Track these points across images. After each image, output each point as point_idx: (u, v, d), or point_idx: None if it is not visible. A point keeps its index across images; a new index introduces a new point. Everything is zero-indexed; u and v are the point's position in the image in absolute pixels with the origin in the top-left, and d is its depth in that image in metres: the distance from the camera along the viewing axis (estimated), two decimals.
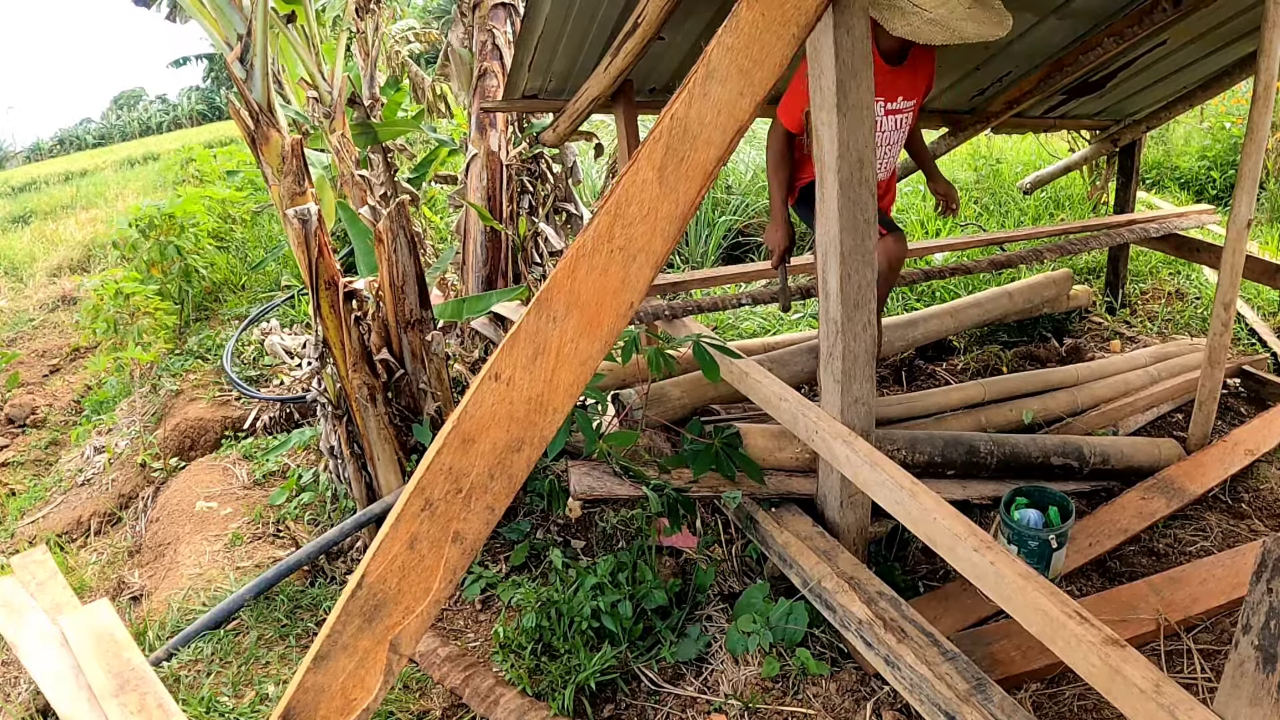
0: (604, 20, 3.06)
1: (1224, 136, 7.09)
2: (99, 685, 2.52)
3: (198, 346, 5.78)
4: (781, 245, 2.92)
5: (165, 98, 32.33)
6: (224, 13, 2.99)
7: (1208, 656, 2.37)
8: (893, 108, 2.70)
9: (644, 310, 3.39)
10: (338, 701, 1.67)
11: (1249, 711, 1.38)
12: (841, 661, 2.44)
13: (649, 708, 2.41)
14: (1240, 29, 3.49)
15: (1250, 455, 3.14)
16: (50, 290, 8.50)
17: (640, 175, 1.70)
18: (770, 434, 2.86)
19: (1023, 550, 2.64)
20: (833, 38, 1.98)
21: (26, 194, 14.76)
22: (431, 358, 3.35)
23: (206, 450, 4.54)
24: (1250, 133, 2.74)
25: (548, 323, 1.69)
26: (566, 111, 3.58)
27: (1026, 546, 2.63)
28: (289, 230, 3.02)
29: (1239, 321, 4.50)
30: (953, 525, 1.90)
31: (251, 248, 7.57)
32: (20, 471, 5.03)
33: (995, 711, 1.92)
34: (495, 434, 1.69)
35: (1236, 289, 3.02)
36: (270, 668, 2.77)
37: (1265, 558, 1.29)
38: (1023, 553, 2.63)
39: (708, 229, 6.68)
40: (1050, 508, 2.72)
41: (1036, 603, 1.68)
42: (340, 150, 4.78)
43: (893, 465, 2.12)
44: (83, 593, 3.51)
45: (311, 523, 3.61)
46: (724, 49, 1.69)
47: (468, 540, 1.71)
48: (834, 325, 2.31)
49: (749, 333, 5.06)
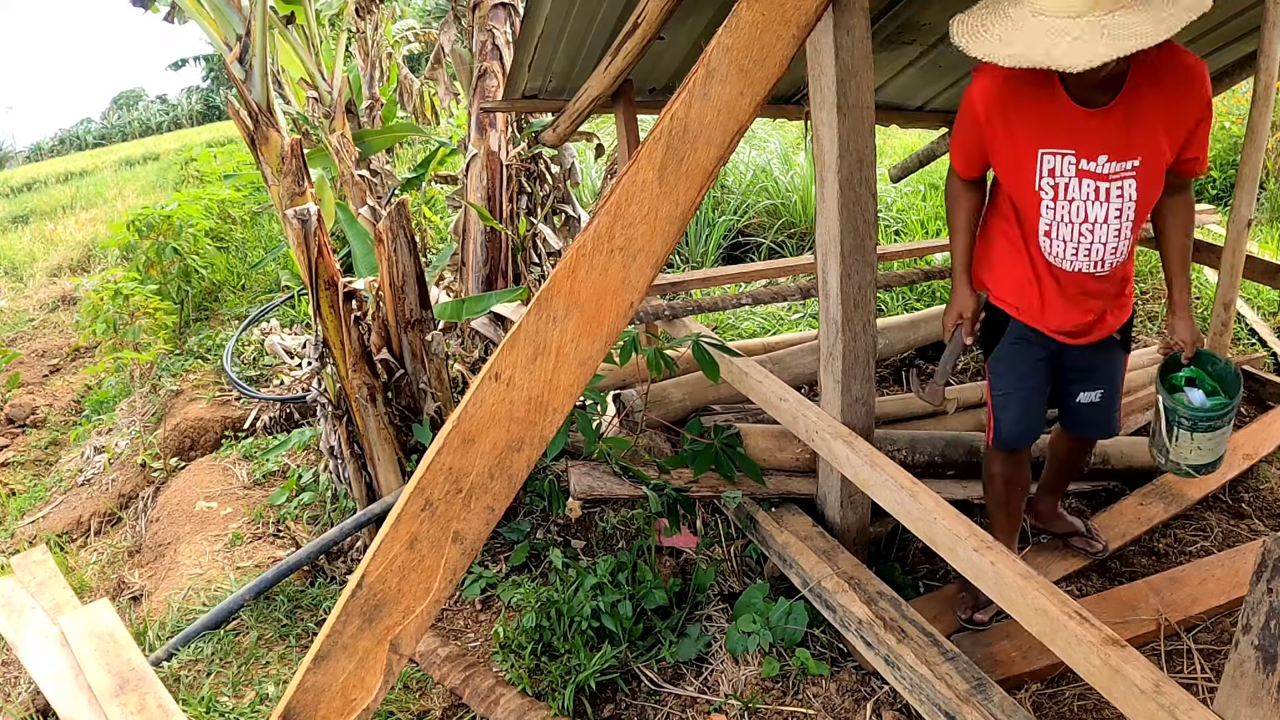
0: (604, 20, 3.06)
1: (1224, 136, 7.08)
2: (99, 685, 2.52)
3: (198, 346, 5.78)
4: (965, 311, 2.27)
5: (165, 98, 32.37)
6: (223, 13, 2.99)
7: (1208, 656, 2.37)
8: (1090, 168, 1.93)
9: (644, 310, 3.39)
10: (338, 701, 1.66)
11: (1249, 711, 1.38)
12: (841, 661, 2.44)
13: (649, 708, 2.41)
14: (1240, 29, 3.48)
15: (1248, 460, 3.14)
16: (50, 290, 8.51)
17: (640, 175, 1.70)
18: (770, 434, 2.86)
19: (1179, 428, 2.16)
20: (833, 38, 1.98)
21: (26, 194, 14.78)
22: (431, 358, 3.35)
23: (206, 450, 4.54)
24: (1250, 133, 2.74)
25: (548, 323, 1.69)
26: (566, 111, 3.58)
27: (1205, 426, 2.14)
28: (288, 230, 3.02)
29: (1239, 321, 4.49)
30: (953, 525, 1.90)
31: (251, 248, 7.57)
32: (20, 471, 5.02)
33: (995, 711, 1.92)
34: (495, 434, 1.69)
35: (1236, 289, 3.02)
36: (270, 668, 2.77)
37: (1265, 558, 1.29)
38: (1197, 434, 2.14)
39: (708, 229, 6.68)
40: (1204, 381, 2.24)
41: (1036, 603, 1.68)
42: (339, 150, 4.78)
43: (893, 465, 2.12)
44: (83, 593, 3.50)
45: (311, 523, 3.61)
46: (724, 49, 1.69)
47: (468, 540, 1.71)
48: (834, 325, 2.31)
49: (749, 333, 5.06)
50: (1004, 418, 2.37)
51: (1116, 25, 1.67)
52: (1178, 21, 1.64)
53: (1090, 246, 2.03)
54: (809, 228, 6.58)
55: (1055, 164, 1.96)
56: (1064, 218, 2.02)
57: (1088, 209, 1.98)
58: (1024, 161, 2.00)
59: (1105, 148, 1.91)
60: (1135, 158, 1.92)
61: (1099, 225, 1.99)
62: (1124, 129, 1.89)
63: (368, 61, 6.99)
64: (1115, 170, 1.93)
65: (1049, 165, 1.97)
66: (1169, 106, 1.89)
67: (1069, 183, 1.97)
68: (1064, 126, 1.93)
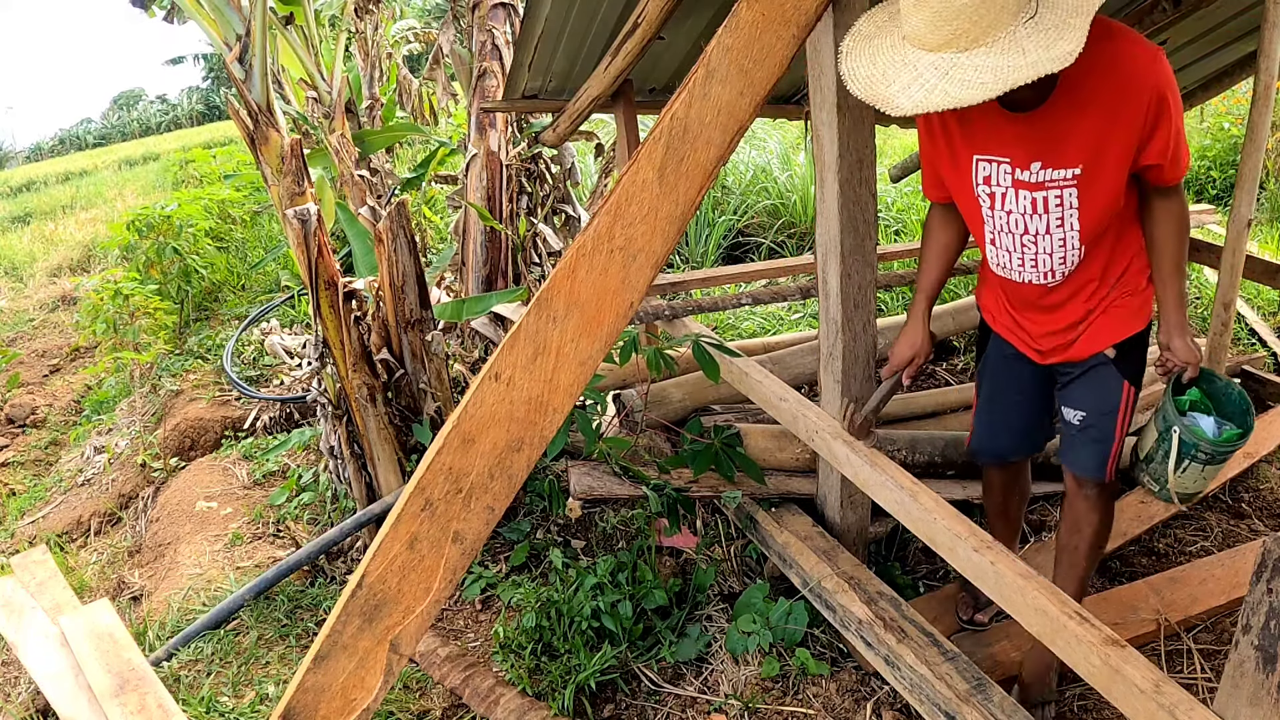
0: (604, 20, 3.06)
1: (1224, 136, 7.08)
2: (99, 685, 2.52)
3: (198, 346, 5.78)
4: (917, 353, 2.13)
5: (165, 98, 32.39)
6: (222, 13, 2.99)
7: (1208, 656, 2.37)
8: (1025, 178, 1.78)
9: (644, 310, 3.39)
10: (338, 701, 1.66)
11: (1249, 711, 1.38)
12: (841, 661, 2.44)
13: (649, 708, 2.41)
14: (1240, 29, 3.48)
15: (1249, 459, 3.14)
16: (50, 290, 8.51)
17: (640, 175, 1.70)
18: (770, 434, 2.86)
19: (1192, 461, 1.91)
20: (833, 38, 1.98)
21: (26, 194, 14.79)
22: (431, 358, 3.35)
23: (206, 450, 4.54)
24: (1250, 133, 2.74)
25: (548, 323, 1.69)
26: (566, 111, 3.58)
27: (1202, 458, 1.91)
28: (288, 230, 3.02)
29: (1239, 321, 4.49)
30: (953, 525, 1.90)
31: (251, 248, 7.58)
32: (20, 471, 5.02)
33: (995, 711, 1.93)
34: (495, 434, 1.69)
35: (1236, 289, 3.01)
36: (270, 668, 2.77)
37: (1265, 558, 1.29)
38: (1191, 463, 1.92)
39: (708, 229, 6.68)
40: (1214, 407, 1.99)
41: (1036, 603, 1.68)
42: (339, 150, 4.78)
43: (893, 465, 2.12)
44: (83, 593, 3.50)
45: (311, 523, 3.61)
46: (724, 49, 1.69)
47: (468, 540, 1.71)
48: (834, 325, 2.31)
49: (749, 333, 5.06)
50: (976, 427, 2.32)
51: (963, 68, 1.50)
52: (1022, 76, 1.44)
53: (1035, 257, 1.87)
54: (809, 228, 6.58)
55: (990, 171, 1.83)
56: (1003, 227, 1.88)
57: (1026, 221, 1.83)
58: (962, 166, 1.89)
59: (1038, 154, 1.73)
60: (1074, 165, 1.73)
61: (1040, 237, 1.84)
62: (1058, 133, 1.69)
63: (367, 61, 6.99)
64: (1052, 178, 1.76)
65: (984, 172, 1.84)
66: (1112, 107, 1.67)
67: (1005, 193, 1.82)
68: (995, 132, 1.78)
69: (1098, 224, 1.82)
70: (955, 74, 1.50)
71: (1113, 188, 1.76)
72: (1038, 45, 1.46)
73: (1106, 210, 1.80)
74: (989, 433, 2.29)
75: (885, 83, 1.58)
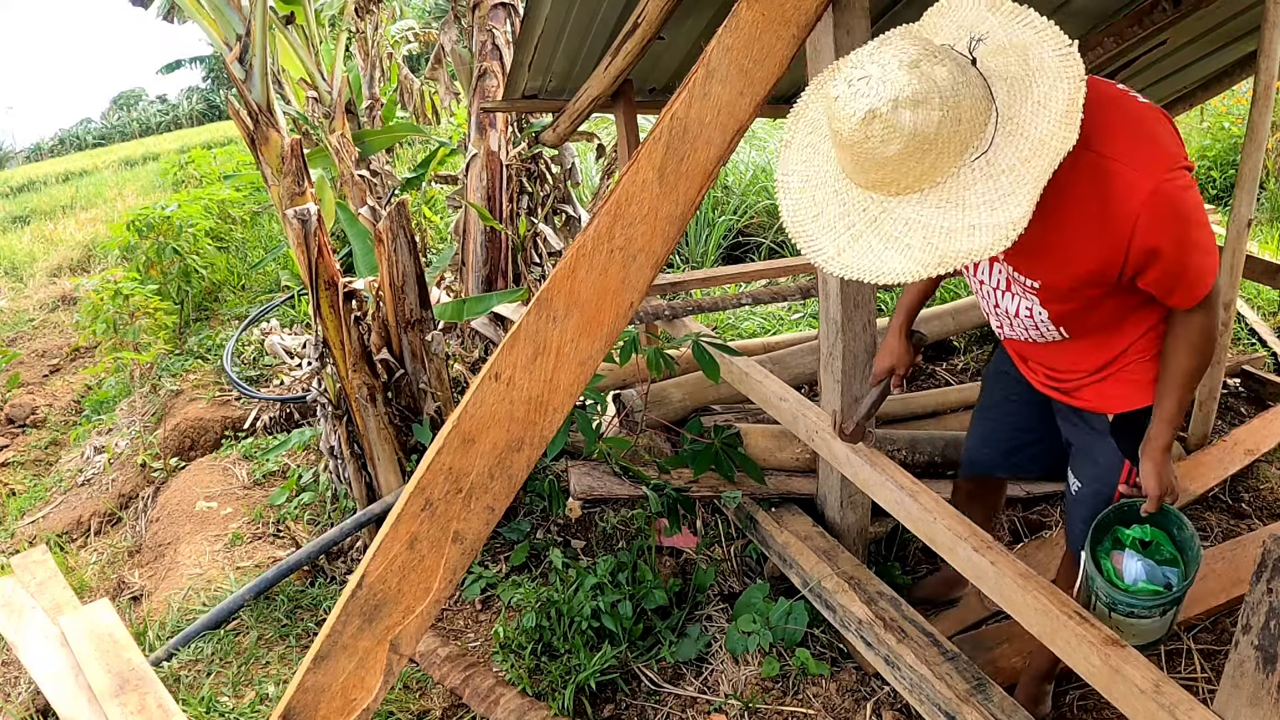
0: (604, 20, 3.06)
1: (1224, 136, 7.08)
2: (99, 685, 2.52)
3: (198, 346, 5.78)
4: (898, 365, 2.06)
5: (165, 98, 32.41)
6: (222, 13, 2.99)
7: (1208, 656, 2.37)
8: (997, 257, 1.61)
9: (644, 310, 3.39)
10: (338, 701, 1.67)
11: (1249, 711, 1.38)
12: (841, 661, 2.44)
13: (649, 708, 2.41)
14: (1240, 29, 3.48)
15: (1250, 455, 3.14)
16: (50, 290, 8.51)
17: (640, 175, 1.70)
18: (770, 434, 2.86)
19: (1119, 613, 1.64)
20: (833, 38, 1.98)
21: (26, 194, 14.80)
22: (431, 358, 3.35)
23: (206, 450, 4.54)
24: (1250, 133, 2.74)
25: (548, 323, 1.69)
26: (566, 111, 3.58)
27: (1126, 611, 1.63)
28: (288, 230, 3.02)
29: (1239, 321, 4.49)
30: (953, 525, 1.90)
31: (251, 248, 7.58)
32: (20, 471, 5.02)
33: (995, 711, 1.93)
34: (495, 434, 1.69)
35: (1236, 289, 3.01)
36: (270, 668, 2.77)
37: (1265, 558, 1.29)
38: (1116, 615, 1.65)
39: (708, 229, 6.68)
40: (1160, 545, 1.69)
41: (1037, 602, 1.68)
42: (339, 150, 4.78)
43: (893, 465, 2.12)
44: (83, 593, 3.50)
45: (311, 523, 3.61)
46: (724, 49, 1.69)
47: (468, 540, 1.71)
48: (834, 325, 2.31)
49: (749, 333, 5.06)
50: (968, 436, 2.28)
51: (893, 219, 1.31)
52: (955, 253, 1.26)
53: (1012, 326, 1.74)
54: None
55: None
56: (978, 290, 1.76)
57: (997, 296, 1.70)
58: None
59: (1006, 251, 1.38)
60: (1034, 279, 1.56)
61: (1013, 317, 1.70)
62: (1024, 241, 1.28)
63: (368, 61, 7.00)
64: (1015, 277, 1.61)
65: None
66: (1085, 234, 1.42)
67: (980, 264, 1.66)
68: None
69: (1082, 320, 1.65)
70: (883, 226, 1.32)
71: (1082, 303, 1.59)
72: (982, 198, 1.26)
73: (1084, 316, 1.63)
74: (977, 443, 2.24)
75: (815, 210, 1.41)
